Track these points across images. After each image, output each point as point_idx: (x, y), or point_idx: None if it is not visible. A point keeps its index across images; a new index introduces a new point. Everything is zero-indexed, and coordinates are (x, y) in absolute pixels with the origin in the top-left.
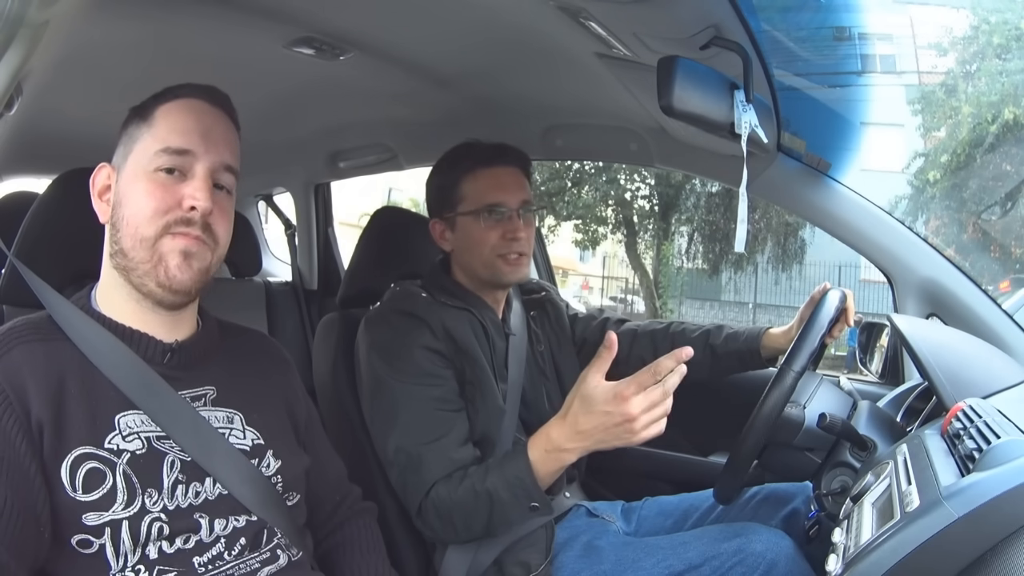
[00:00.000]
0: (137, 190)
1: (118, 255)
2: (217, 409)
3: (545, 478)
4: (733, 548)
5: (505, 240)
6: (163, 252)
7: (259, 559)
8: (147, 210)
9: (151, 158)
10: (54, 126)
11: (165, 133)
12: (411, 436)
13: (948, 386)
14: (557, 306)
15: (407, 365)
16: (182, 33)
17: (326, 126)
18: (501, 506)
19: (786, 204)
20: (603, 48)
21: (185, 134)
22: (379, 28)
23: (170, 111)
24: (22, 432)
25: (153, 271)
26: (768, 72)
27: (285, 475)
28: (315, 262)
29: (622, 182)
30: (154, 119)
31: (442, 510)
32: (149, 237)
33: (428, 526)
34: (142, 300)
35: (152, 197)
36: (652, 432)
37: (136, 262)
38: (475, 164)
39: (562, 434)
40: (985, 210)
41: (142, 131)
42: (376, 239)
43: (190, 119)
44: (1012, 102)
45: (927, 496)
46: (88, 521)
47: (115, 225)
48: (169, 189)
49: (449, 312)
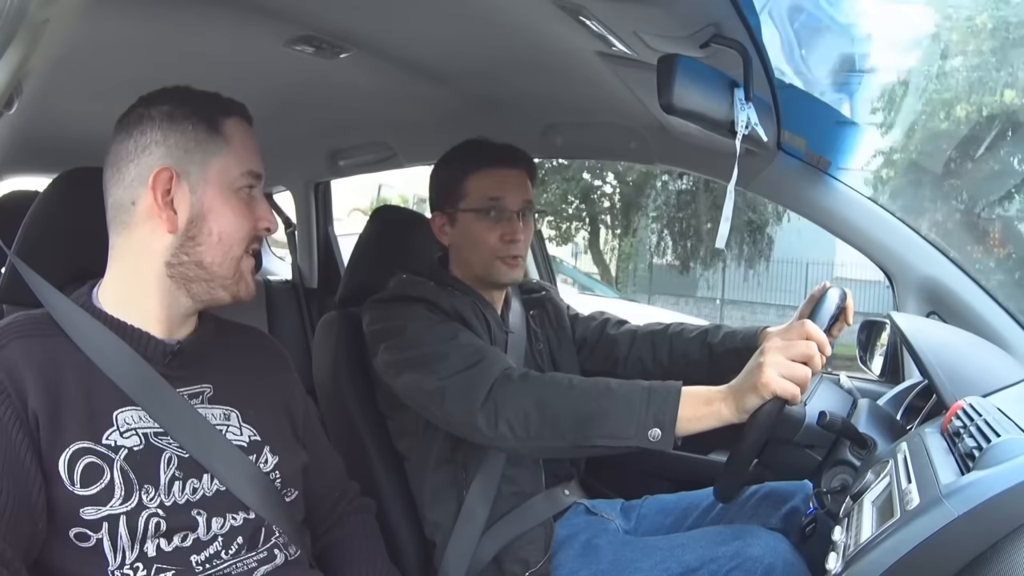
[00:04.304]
0: (227, 209)
1: (190, 266)
2: (214, 407)
3: (685, 415)
4: (731, 552)
5: (504, 242)
6: (243, 269)
7: (256, 558)
8: (242, 231)
9: (236, 177)
10: (54, 125)
11: (243, 153)
12: (452, 361)
13: (948, 384)
14: (557, 305)
15: (421, 325)
16: (182, 32)
17: (326, 124)
18: (614, 400)
19: (786, 202)
20: (603, 46)
21: (256, 156)
22: (379, 26)
23: (239, 128)
24: (19, 422)
25: (234, 285)
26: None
27: (283, 471)
28: (315, 261)
29: (587, 178)
30: (228, 134)
31: (515, 393)
32: (239, 256)
33: (487, 420)
34: (188, 306)
35: (245, 219)
36: (784, 385)
37: (218, 276)
38: (481, 162)
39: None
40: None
41: (218, 144)
42: (376, 238)
43: (252, 139)
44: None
45: (927, 494)
46: (86, 515)
47: (193, 237)
48: (251, 208)
49: (456, 296)
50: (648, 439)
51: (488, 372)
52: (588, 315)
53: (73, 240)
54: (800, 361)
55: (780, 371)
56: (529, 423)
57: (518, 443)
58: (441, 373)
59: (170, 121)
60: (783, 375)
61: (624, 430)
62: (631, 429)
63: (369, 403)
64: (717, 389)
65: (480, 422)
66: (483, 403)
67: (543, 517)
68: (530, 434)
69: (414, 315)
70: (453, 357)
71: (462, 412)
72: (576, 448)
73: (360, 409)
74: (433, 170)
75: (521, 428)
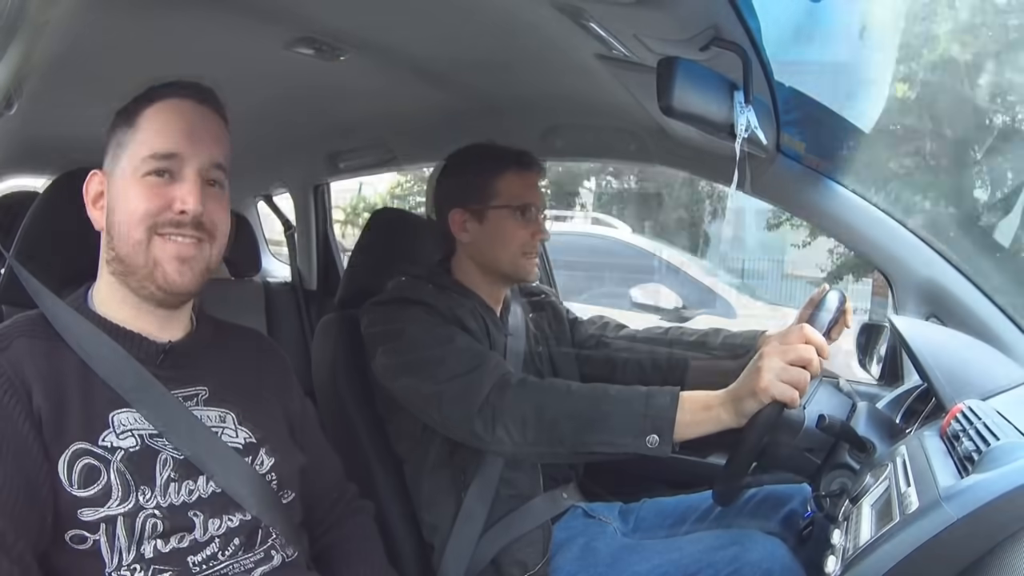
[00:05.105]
0: (128, 196)
1: (115, 262)
2: (209, 409)
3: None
4: (729, 556)
5: (534, 239)
6: (158, 257)
7: (253, 559)
8: (137, 213)
9: (139, 163)
10: (53, 126)
11: (151, 137)
12: (450, 365)
13: (947, 387)
14: (557, 309)
15: (418, 328)
16: (182, 34)
17: (326, 126)
18: (613, 406)
19: (786, 205)
20: (603, 49)
21: (171, 136)
22: (379, 29)
23: (154, 114)
24: (25, 414)
25: (151, 275)
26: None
27: (279, 472)
28: (314, 262)
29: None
30: (139, 123)
31: (513, 399)
32: (141, 240)
33: (484, 425)
34: (142, 303)
35: (146, 201)
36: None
37: (133, 267)
38: (511, 163)
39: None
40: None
41: (128, 136)
42: (374, 239)
43: (174, 120)
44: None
45: (926, 497)
46: (84, 516)
47: (109, 232)
48: (159, 191)
49: (455, 299)
50: (646, 445)
51: (485, 377)
52: (588, 319)
53: (72, 241)
54: (799, 365)
55: (779, 375)
56: (527, 428)
57: (516, 448)
58: (438, 377)
59: (111, 128)
60: (782, 379)
61: (622, 436)
62: (629, 435)
63: (368, 405)
64: (715, 394)
65: (477, 427)
66: (480, 408)
67: (541, 520)
68: (527, 439)
69: (412, 318)
70: (450, 362)
71: (459, 417)
72: (574, 454)
73: (359, 411)
74: (448, 168)
75: (519, 433)
